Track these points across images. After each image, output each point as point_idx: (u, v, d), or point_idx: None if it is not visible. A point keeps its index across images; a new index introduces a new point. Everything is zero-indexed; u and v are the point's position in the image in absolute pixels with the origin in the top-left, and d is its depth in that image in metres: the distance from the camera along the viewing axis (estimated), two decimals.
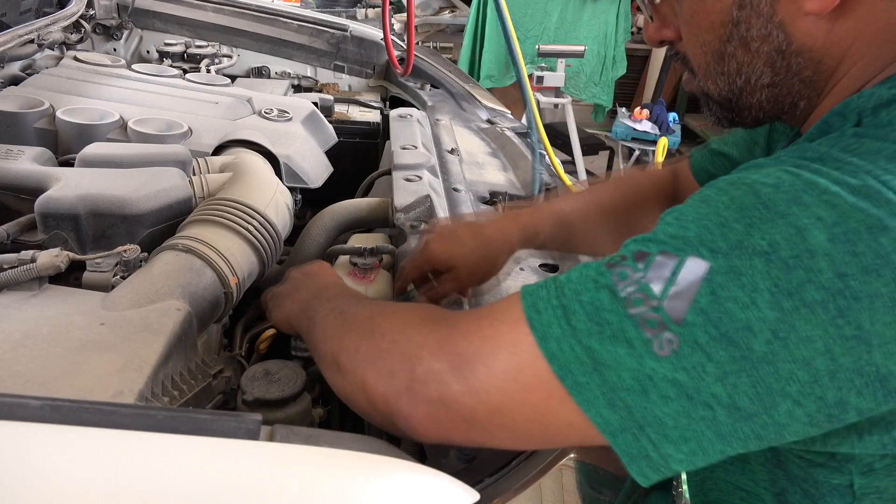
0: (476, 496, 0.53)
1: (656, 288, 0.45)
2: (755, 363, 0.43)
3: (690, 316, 0.44)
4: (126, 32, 1.89)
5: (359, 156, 1.59)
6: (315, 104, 1.47)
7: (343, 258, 0.99)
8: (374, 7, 4.17)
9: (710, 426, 0.45)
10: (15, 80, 1.33)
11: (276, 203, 1.01)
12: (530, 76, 3.71)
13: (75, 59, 1.47)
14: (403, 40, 1.99)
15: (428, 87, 1.81)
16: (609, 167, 4.55)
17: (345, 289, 0.79)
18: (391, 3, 4.53)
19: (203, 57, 1.76)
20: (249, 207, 0.94)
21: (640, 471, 0.47)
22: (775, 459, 0.58)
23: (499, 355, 0.50)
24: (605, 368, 0.46)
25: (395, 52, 1.65)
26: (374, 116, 1.65)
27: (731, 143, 0.84)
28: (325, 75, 1.93)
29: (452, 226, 0.89)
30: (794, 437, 0.46)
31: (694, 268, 0.45)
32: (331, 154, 1.36)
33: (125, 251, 0.81)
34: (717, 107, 0.64)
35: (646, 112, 4.09)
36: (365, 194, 1.41)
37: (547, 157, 1.48)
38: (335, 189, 1.31)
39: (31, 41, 1.48)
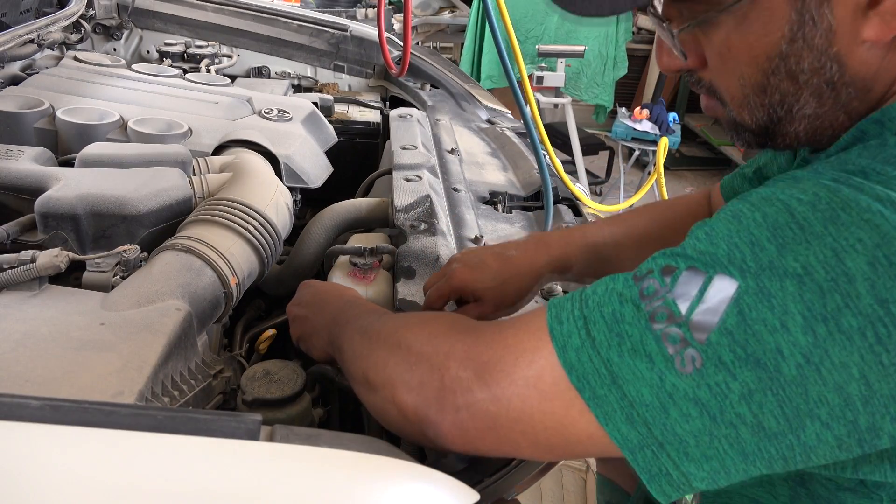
0: (476, 496, 0.53)
1: (682, 305, 0.45)
2: (783, 385, 0.42)
3: (716, 336, 0.43)
4: (126, 32, 1.89)
5: (359, 156, 1.59)
6: (315, 104, 1.46)
7: (343, 258, 0.99)
8: (373, 7, 4.16)
9: (733, 445, 0.44)
10: (15, 80, 1.33)
11: (276, 203, 1.01)
12: (530, 76, 3.71)
13: (75, 59, 1.47)
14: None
15: (428, 87, 1.81)
16: (609, 167, 4.55)
17: (358, 305, 0.75)
18: (392, 3, 4.50)
19: (203, 57, 1.76)
20: (249, 207, 0.94)
21: (660, 489, 0.46)
22: (799, 477, 0.56)
23: (519, 363, 0.50)
24: (624, 383, 0.45)
25: (393, 53, 1.64)
26: (374, 116, 1.64)
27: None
28: (325, 75, 1.92)
29: (480, 254, 0.85)
30: (823, 460, 0.45)
31: (722, 287, 0.44)
32: (331, 154, 1.36)
33: (125, 251, 0.81)
34: (749, 134, 0.60)
35: (646, 112, 4.08)
36: (365, 194, 1.40)
37: (547, 156, 1.48)
38: (335, 189, 1.31)
39: (31, 41, 1.47)
